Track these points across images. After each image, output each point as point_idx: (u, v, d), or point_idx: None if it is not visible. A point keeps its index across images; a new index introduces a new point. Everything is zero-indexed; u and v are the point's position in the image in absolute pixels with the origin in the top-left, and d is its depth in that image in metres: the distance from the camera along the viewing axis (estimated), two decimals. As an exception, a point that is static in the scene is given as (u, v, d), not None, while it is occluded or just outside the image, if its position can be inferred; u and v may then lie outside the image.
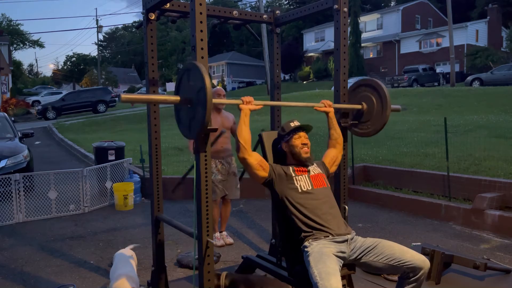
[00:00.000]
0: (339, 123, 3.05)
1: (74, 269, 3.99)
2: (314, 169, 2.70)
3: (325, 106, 2.83)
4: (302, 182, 2.58)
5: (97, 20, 46.84)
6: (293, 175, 2.60)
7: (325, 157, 2.89)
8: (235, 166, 4.60)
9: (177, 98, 2.29)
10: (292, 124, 2.73)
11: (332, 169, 2.87)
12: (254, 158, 2.58)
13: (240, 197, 4.79)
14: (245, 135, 2.52)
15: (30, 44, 56.30)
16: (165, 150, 9.17)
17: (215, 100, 2.28)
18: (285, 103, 2.92)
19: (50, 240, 4.88)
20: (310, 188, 2.57)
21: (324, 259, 2.26)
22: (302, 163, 2.68)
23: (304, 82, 38.89)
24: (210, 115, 2.12)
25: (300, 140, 2.68)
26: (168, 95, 2.32)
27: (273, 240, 3.80)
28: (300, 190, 2.55)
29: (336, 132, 2.88)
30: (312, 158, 2.72)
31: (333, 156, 2.88)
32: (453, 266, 3.44)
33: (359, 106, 3.03)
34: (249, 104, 2.55)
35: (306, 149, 2.68)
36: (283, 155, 2.76)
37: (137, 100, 2.28)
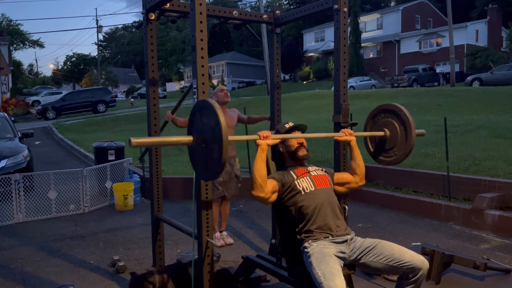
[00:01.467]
0: (339, 123, 3.05)
1: (74, 269, 3.99)
2: (317, 171, 2.68)
3: (346, 135, 2.75)
4: (305, 184, 2.56)
5: (97, 20, 46.89)
6: (295, 179, 2.57)
7: (338, 173, 2.82)
8: (238, 167, 4.59)
9: (190, 138, 2.18)
10: (287, 125, 2.72)
11: (339, 188, 2.76)
12: (269, 191, 2.46)
13: (240, 197, 4.78)
14: (263, 173, 2.40)
15: (30, 44, 56.31)
16: (165, 150, 9.17)
17: (230, 138, 2.16)
18: (304, 135, 2.72)
19: (50, 240, 4.88)
20: (313, 188, 2.55)
21: (327, 259, 2.26)
22: (300, 162, 2.68)
23: (304, 82, 38.90)
24: (227, 153, 2.03)
25: (296, 140, 2.68)
26: (180, 136, 2.20)
27: (273, 240, 3.80)
28: (303, 193, 2.53)
29: (356, 162, 2.73)
30: (309, 155, 2.71)
31: (347, 179, 2.76)
32: (453, 266, 3.44)
33: (381, 133, 2.92)
34: (267, 139, 2.43)
35: (303, 147, 2.67)
36: (281, 156, 2.76)
37: (148, 144, 2.15)
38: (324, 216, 2.48)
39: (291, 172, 2.62)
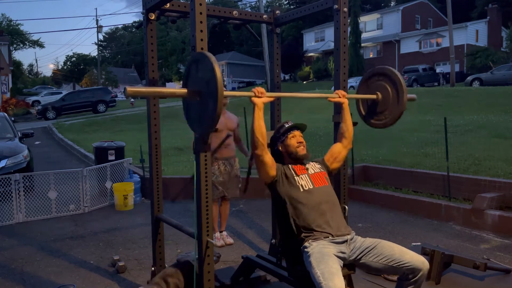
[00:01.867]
0: (339, 123, 3.05)
1: (74, 269, 3.99)
2: (314, 168, 2.69)
3: (339, 97, 2.79)
4: (303, 181, 2.57)
5: (97, 20, 46.88)
6: (294, 174, 2.59)
7: (327, 153, 2.84)
8: (237, 168, 4.59)
9: (185, 91, 2.20)
10: (286, 125, 2.73)
11: (334, 165, 2.78)
12: (269, 155, 2.52)
13: (240, 197, 4.78)
14: (262, 130, 2.43)
15: (30, 44, 56.32)
16: (165, 150, 9.17)
17: (226, 93, 2.16)
18: (297, 94, 2.79)
19: (50, 240, 4.88)
20: (312, 187, 2.56)
21: (326, 259, 2.26)
22: (299, 161, 2.68)
23: (304, 82, 38.89)
24: (221, 107, 2.03)
25: (295, 139, 2.68)
26: (175, 88, 2.23)
27: (273, 240, 3.80)
28: (301, 190, 2.53)
29: (345, 124, 2.79)
30: (308, 155, 2.72)
31: (336, 151, 2.80)
32: (453, 266, 3.44)
33: (373, 96, 2.96)
34: (262, 96, 2.42)
35: (302, 146, 2.68)
36: (280, 155, 2.76)
37: (143, 93, 2.16)
38: (324, 215, 2.48)
39: (290, 167, 2.63)
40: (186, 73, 2.27)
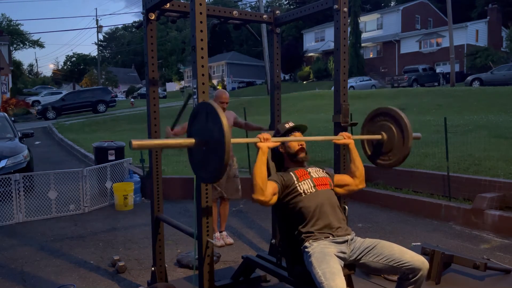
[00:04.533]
0: (339, 123, 3.05)
1: (74, 269, 3.99)
2: (317, 172, 2.67)
3: (344, 139, 2.74)
4: (306, 186, 2.55)
5: (97, 20, 46.83)
6: (296, 182, 2.56)
7: (339, 175, 2.81)
8: (236, 167, 4.59)
9: (192, 141, 2.16)
10: (287, 125, 2.71)
11: (338, 190, 2.75)
12: (269, 194, 2.44)
13: (240, 197, 4.79)
14: (263, 176, 2.38)
15: (30, 44, 56.31)
16: (165, 150, 9.17)
17: (233, 140, 2.14)
18: (303, 138, 2.71)
19: (50, 240, 4.88)
20: (314, 190, 2.55)
21: (328, 259, 2.26)
22: (299, 163, 2.67)
23: (304, 82, 38.89)
24: (229, 156, 2.00)
25: (297, 142, 2.67)
26: (182, 139, 2.19)
27: (273, 240, 3.80)
28: (303, 195, 2.52)
29: (355, 165, 2.73)
30: (308, 157, 2.71)
31: (346, 181, 2.76)
32: (453, 266, 3.44)
33: (378, 137, 2.92)
34: (267, 141, 2.42)
35: (303, 149, 2.67)
36: (280, 156, 2.75)
37: (150, 146, 2.12)
38: (325, 216, 2.48)
39: (291, 173, 2.60)
40: (191, 122, 2.24)
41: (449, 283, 3.31)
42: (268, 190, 2.42)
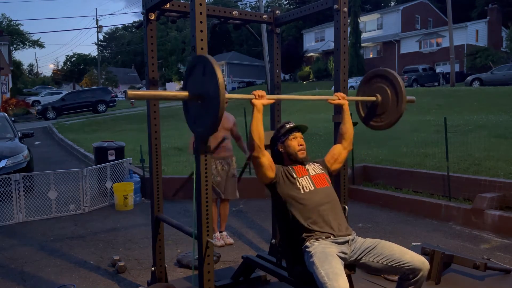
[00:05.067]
0: (339, 123, 3.05)
1: (74, 269, 3.99)
2: (314, 169, 2.68)
3: (339, 99, 2.79)
4: (305, 183, 2.56)
5: (97, 20, 46.82)
6: (295, 176, 2.58)
7: (327, 154, 2.84)
8: (234, 167, 4.59)
9: (186, 94, 2.20)
10: (287, 125, 2.71)
11: (335, 166, 2.79)
12: (267, 158, 2.51)
13: (240, 197, 4.79)
14: (260, 132, 2.43)
15: (30, 44, 56.30)
16: (165, 150, 9.17)
17: (227, 95, 2.16)
18: (298, 97, 2.80)
19: (50, 240, 4.88)
20: (313, 188, 2.55)
21: (330, 259, 2.26)
22: (299, 163, 2.68)
23: (304, 82, 38.88)
24: (223, 110, 2.04)
25: (296, 141, 2.67)
26: (177, 91, 2.23)
27: (273, 240, 3.80)
28: (302, 191, 2.53)
29: (345, 126, 2.80)
30: (308, 157, 2.72)
31: (336, 152, 2.81)
32: (453, 266, 3.44)
33: (373, 98, 2.97)
34: (262, 98, 2.42)
35: (302, 149, 2.67)
36: (280, 156, 2.76)
37: (144, 96, 2.17)
38: (325, 216, 2.48)
39: (290, 169, 2.62)
40: (187, 76, 2.28)
41: (449, 283, 3.31)
42: (266, 154, 2.49)
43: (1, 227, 5.40)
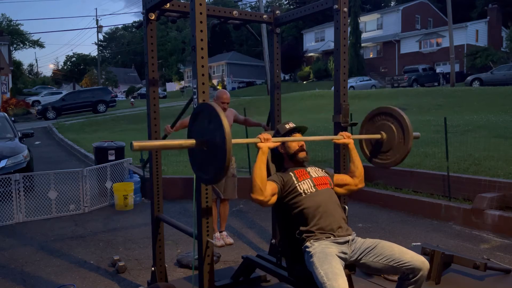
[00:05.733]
0: (339, 123, 3.05)
1: (74, 269, 3.99)
2: (317, 172, 2.67)
3: (344, 138, 2.75)
4: (306, 186, 2.55)
5: (97, 20, 46.83)
6: (296, 182, 2.56)
7: (339, 174, 2.82)
8: (234, 167, 4.59)
9: (193, 142, 2.16)
10: (287, 126, 2.71)
11: (338, 189, 2.75)
12: (269, 194, 2.44)
13: (240, 197, 4.79)
14: (263, 176, 2.38)
15: (30, 44, 56.30)
16: (165, 150, 9.16)
17: (234, 141, 2.14)
18: (303, 138, 2.71)
19: (50, 240, 4.88)
20: (314, 190, 2.54)
21: (330, 259, 2.26)
22: (299, 164, 2.67)
23: (304, 82, 38.89)
24: (230, 159, 2.02)
25: (296, 142, 2.67)
26: (183, 139, 2.18)
27: (273, 240, 3.80)
28: (303, 195, 2.52)
29: (354, 165, 2.74)
30: (308, 158, 2.71)
31: (346, 181, 2.77)
32: (453, 266, 3.44)
33: (378, 136, 2.92)
34: (267, 141, 2.43)
35: (303, 150, 2.67)
36: (280, 156, 2.75)
37: (151, 147, 2.13)
38: (326, 216, 2.47)
39: (291, 173, 2.60)
40: (191, 123, 2.25)
41: (449, 283, 3.31)
42: (267, 190, 2.42)
43: (1, 227, 5.40)
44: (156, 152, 3.24)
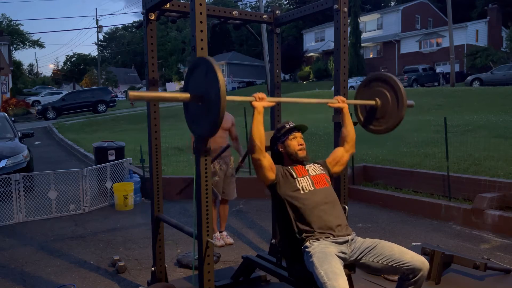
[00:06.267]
0: (339, 123, 3.05)
1: (74, 269, 3.99)
2: (315, 169, 2.68)
3: (339, 102, 2.79)
4: (304, 183, 2.56)
5: (97, 20, 46.81)
6: (295, 176, 2.58)
7: (329, 156, 2.84)
8: (232, 166, 4.59)
9: (187, 95, 2.19)
10: (287, 125, 2.72)
11: (336, 169, 2.79)
12: (267, 159, 2.51)
13: (240, 197, 4.79)
14: (261, 134, 2.44)
15: (30, 44, 56.28)
16: (165, 150, 9.17)
17: (228, 98, 2.16)
18: (298, 99, 2.77)
19: (50, 240, 4.88)
20: (312, 188, 2.55)
21: (329, 259, 2.26)
22: (299, 162, 2.68)
23: (304, 82, 38.88)
24: (223, 112, 2.03)
25: (296, 141, 2.67)
26: (178, 93, 2.22)
27: (273, 240, 3.80)
28: (302, 192, 2.53)
29: (347, 129, 2.80)
30: (308, 157, 2.71)
31: (338, 154, 2.80)
32: (453, 266, 3.44)
33: (373, 102, 2.94)
34: (262, 101, 2.45)
35: (302, 149, 2.68)
36: (280, 156, 2.76)
37: (145, 97, 2.16)
38: (325, 216, 2.48)
39: (290, 169, 2.62)
40: (187, 78, 2.28)
41: (449, 283, 3.31)
42: (267, 156, 2.49)
43: (1, 227, 5.40)
44: (156, 151, 3.24)
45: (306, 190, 2.54)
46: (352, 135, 2.82)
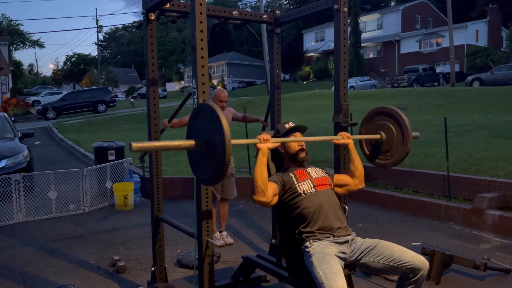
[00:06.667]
0: (339, 123, 3.05)
1: (74, 269, 3.99)
2: (317, 172, 2.67)
3: (344, 139, 2.74)
4: (306, 186, 2.55)
5: (97, 20, 46.88)
6: (296, 182, 2.56)
7: (339, 174, 2.81)
8: (232, 166, 4.59)
9: (192, 143, 2.15)
10: (287, 125, 2.71)
11: (337, 190, 2.74)
12: (270, 195, 2.44)
13: (240, 197, 4.79)
14: (264, 177, 2.37)
15: (30, 44, 56.29)
16: (165, 150, 9.16)
17: (233, 142, 2.11)
18: (302, 138, 2.70)
19: (50, 240, 4.88)
20: (314, 190, 2.54)
21: (328, 259, 2.26)
22: (299, 164, 2.67)
23: (304, 82, 38.89)
24: (229, 159, 2.00)
25: (297, 143, 2.67)
26: (182, 140, 2.17)
27: (273, 240, 3.80)
28: (303, 195, 2.52)
29: (354, 165, 2.73)
30: (308, 157, 2.71)
31: (346, 181, 2.76)
32: (453, 266, 3.44)
33: (378, 137, 2.91)
34: (267, 142, 2.42)
35: (303, 150, 2.67)
36: (280, 156, 2.75)
37: (150, 148, 2.11)
38: (325, 216, 2.48)
39: (291, 174, 2.60)
40: (190, 124, 2.23)
41: (449, 283, 3.31)
42: (269, 191, 2.42)
43: (1, 227, 5.40)
44: (156, 151, 3.24)
45: (308, 192, 2.53)
46: (361, 171, 2.74)
